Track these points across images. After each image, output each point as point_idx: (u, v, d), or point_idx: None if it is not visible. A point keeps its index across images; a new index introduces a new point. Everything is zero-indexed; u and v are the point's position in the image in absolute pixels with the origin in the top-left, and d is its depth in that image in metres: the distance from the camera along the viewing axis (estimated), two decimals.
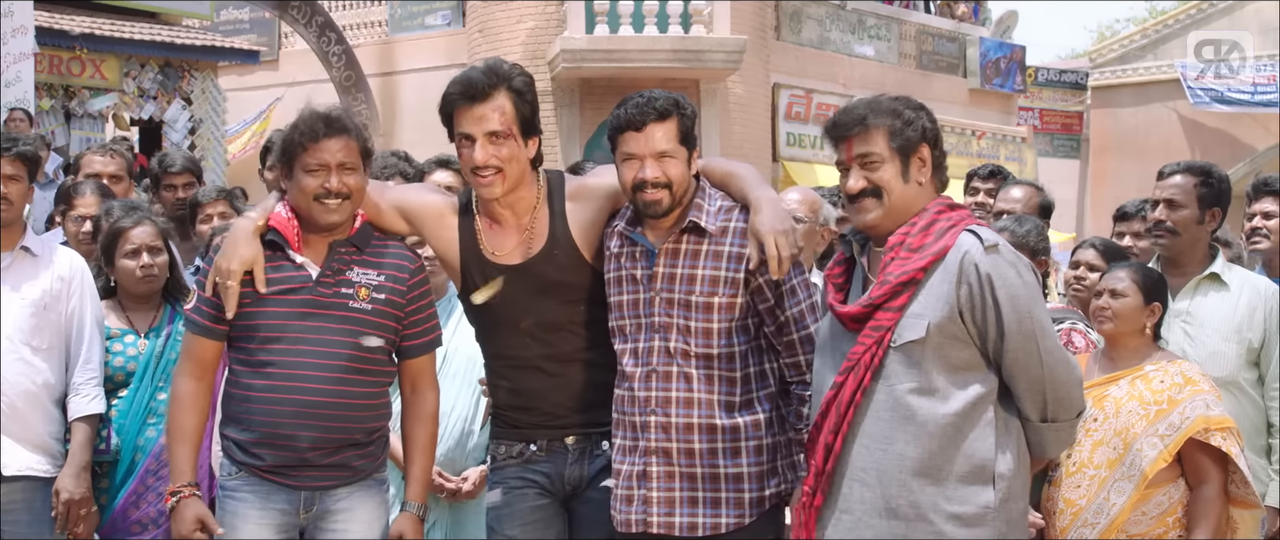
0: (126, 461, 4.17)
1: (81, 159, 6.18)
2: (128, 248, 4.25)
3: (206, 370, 3.48)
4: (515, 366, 3.45)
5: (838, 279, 3.15)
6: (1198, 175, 4.38)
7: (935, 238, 2.97)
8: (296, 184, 3.43)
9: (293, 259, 3.44)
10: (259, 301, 3.40)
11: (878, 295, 2.96)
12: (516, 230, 3.44)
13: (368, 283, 3.46)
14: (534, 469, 3.45)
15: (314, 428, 3.36)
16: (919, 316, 2.92)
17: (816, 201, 4.54)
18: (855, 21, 19.39)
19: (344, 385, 3.39)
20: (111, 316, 4.28)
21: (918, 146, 3.03)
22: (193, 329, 3.48)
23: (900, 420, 2.93)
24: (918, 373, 2.93)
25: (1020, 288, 2.93)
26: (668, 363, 3.29)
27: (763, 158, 16.88)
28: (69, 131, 14.12)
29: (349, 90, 17.23)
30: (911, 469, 2.92)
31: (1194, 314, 4.31)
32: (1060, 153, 23.75)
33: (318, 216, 3.43)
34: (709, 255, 3.29)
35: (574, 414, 3.43)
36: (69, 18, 14.02)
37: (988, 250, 2.93)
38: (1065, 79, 24.34)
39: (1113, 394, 3.82)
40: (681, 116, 3.30)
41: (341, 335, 3.40)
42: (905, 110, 3.04)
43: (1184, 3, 23.87)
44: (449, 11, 17.92)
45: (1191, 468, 3.73)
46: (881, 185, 3.01)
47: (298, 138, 3.42)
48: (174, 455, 3.45)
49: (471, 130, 3.33)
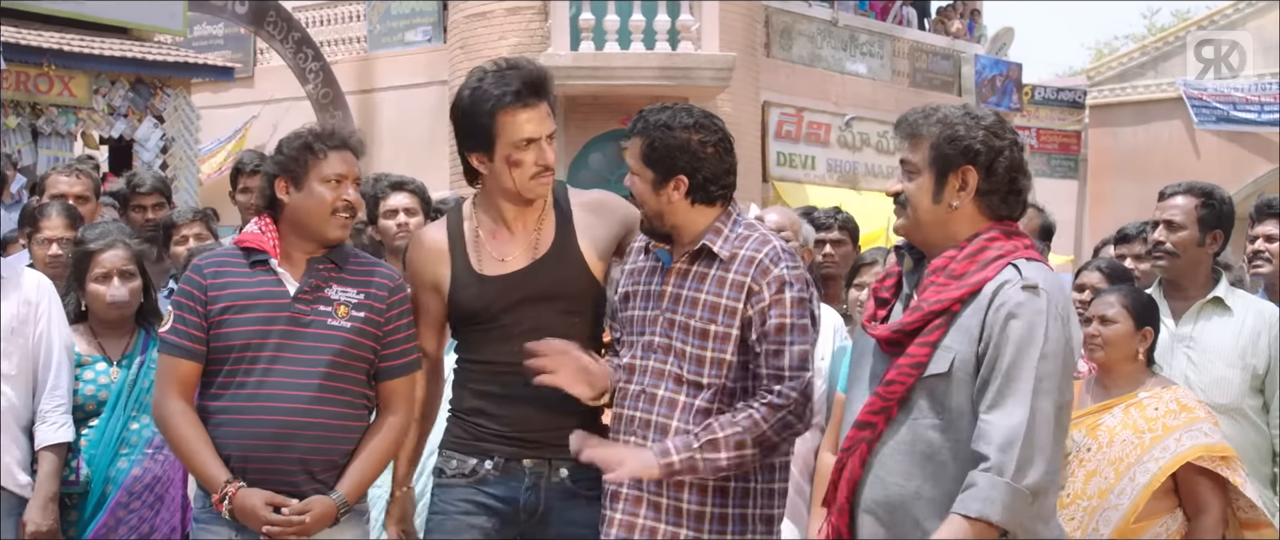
0: (97, 493, 4.15)
1: (47, 179, 6.16)
2: (98, 271, 4.23)
3: (190, 390, 3.44)
4: (493, 372, 3.40)
5: (883, 293, 3.05)
6: (1199, 196, 4.41)
7: (979, 267, 2.83)
8: (309, 194, 3.41)
9: (273, 268, 3.42)
10: (234, 317, 3.38)
11: (909, 322, 2.86)
12: (524, 234, 3.45)
13: (347, 300, 3.44)
14: (485, 492, 3.37)
15: (291, 450, 3.33)
16: (947, 349, 2.80)
17: (795, 221, 4.57)
18: (847, 38, 19.46)
19: (322, 405, 3.35)
20: (81, 342, 4.26)
21: (959, 167, 2.86)
22: (172, 351, 3.43)
23: (920, 457, 2.83)
24: (940, 409, 2.81)
25: (1039, 336, 2.73)
26: (657, 384, 3.27)
27: (753, 177, 16.90)
28: (36, 150, 14.08)
29: (326, 108, 17.22)
30: (927, 511, 2.80)
31: (1197, 339, 4.33)
32: (1058, 173, 23.82)
33: (329, 230, 3.43)
34: (714, 281, 3.24)
35: (539, 431, 3.36)
36: (36, 33, 13.98)
37: (1025, 287, 2.75)
38: (1063, 97, 24.43)
39: (1106, 423, 3.83)
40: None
41: (319, 353, 3.37)
42: (959, 125, 2.88)
43: (1184, 20, 24.01)
44: (430, 27, 17.94)
45: (1189, 496, 3.74)
46: (908, 196, 2.92)
47: (318, 146, 3.42)
48: (197, 466, 3.36)
49: (535, 132, 3.35)
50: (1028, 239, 2.96)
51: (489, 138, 3.35)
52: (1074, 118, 24.24)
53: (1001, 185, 2.89)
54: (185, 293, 3.47)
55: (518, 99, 3.33)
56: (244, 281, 3.42)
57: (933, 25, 21.86)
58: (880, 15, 20.37)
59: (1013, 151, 2.90)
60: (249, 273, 3.43)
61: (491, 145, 3.36)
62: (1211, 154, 21.72)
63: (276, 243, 3.46)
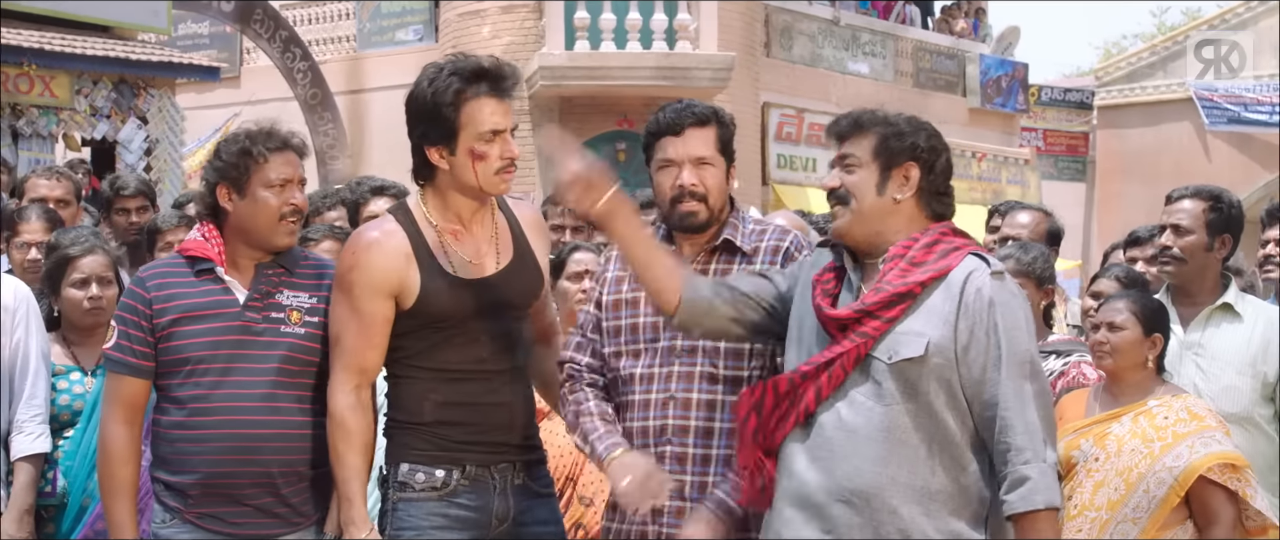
0: (75, 506, 4.12)
1: (26, 182, 6.15)
2: (76, 276, 4.21)
3: (137, 414, 3.42)
4: (457, 379, 3.31)
5: (827, 284, 3.13)
6: (1207, 200, 4.40)
7: (939, 256, 2.97)
8: (253, 202, 3.38)
9: (219, 276, 3.39)
10: (183, 329, 3.35)
11: (872, 302, 2.95)
12: (483, 234, 3.38)
13: (299, 306, 3.42)
14: (457, 503, 3.30)
15: (253, 463, 3.31)
16: (918, 334, 2.91)
17: (801, 227, 4.56)
18: (849, 38, 19.47)
19: (279, 415, 3.33)
20: (56, 350, 4.23)
21: (903, 162, 3.03)
22: (120, 369, 3.40)
23: (895, 443, 2.90)
24: (912, 393, 2.91)
25: (1022, 320, 2.94)
26: (688, 388, 3.30)
27: (752, 180, 16.90)
28: (16, 152, 14.06)
29: (314, 109, 17.21)
30: (902, 496, 2.89)
31: (1206, 346, 4.32)
32: (1065, 175, 23.85)
33: (277, 239, 3.41)
34: (740, 273, 3.33)
35: (505, 435, 3.35)
36: (17, 32, 13.96)
37: (994, 275, 2.94)
38: (1070, 98, 24.46)
39: (1114, 431, 3.82)
40: (721, 125, 3.40)
41: (273, 362, 3.35)
42: (902, 124, 3.07)
43: (1194, 19, 24.03)
44: (421, 26, 17.94)
45: (1200, 508, 3.74)
46: (850, 189, 3.04)
47: (257, 150, 3.37)
48: (114, 512, 3.37)
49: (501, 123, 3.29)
50: (973, 238, 3.14)
51: (452, 129, 3.24)
52: (1082, 119, 24.27)
53: (940, 184, 3.08)
54: (128, 307, 3.42)
55: (484, 89, 3.26)
56: (190, 292, 3.39)
57: (936, 24, 21.87)
58: (883, 14, 20.39)
59: (948, 155, 3.13)
60: (195, 282, 3.40)
61: (454, 137, 3.25)
62: (1223, 156, 21.74)
63: (221, 250, 3.42)
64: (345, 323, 3.29)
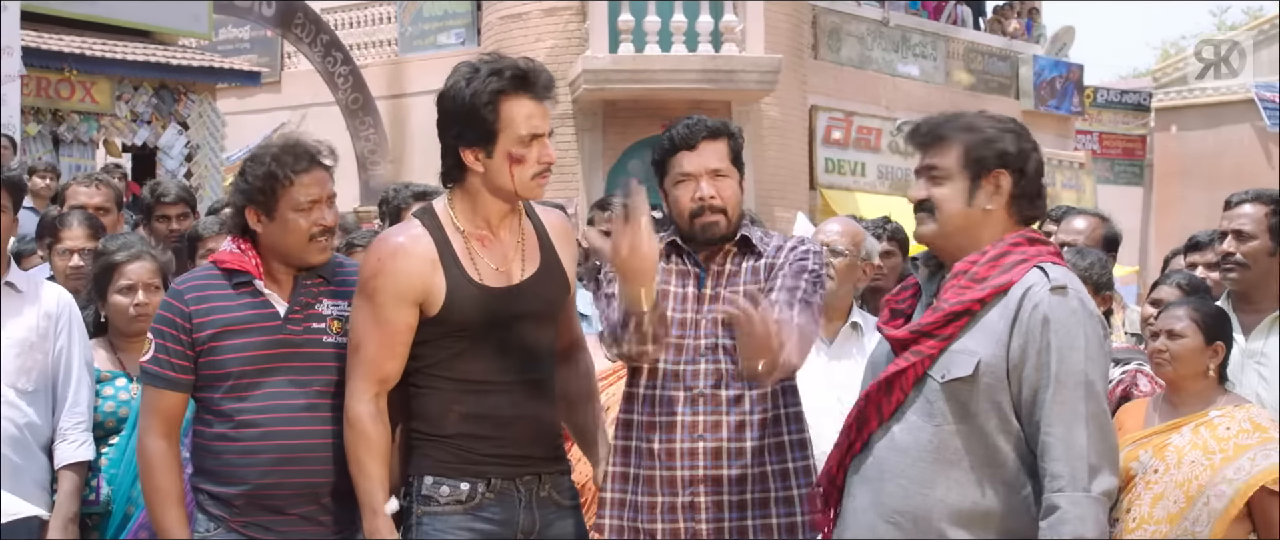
0: (119, 514, 4.16)
1: (67, 189, 6.22)
2: (122, 283, 4.26)
3: (175, 426, 3.45)
4: (480, 391, 3.29)
5: (899, 304, 3.13)
6: (1269, 204, 4.36)
7: (1002, 271, 2.93)
8: (283, 223, 3.39)
9: (258, 289, 3.41)
10: (224, 343, 3.37)
11: (927, 322, 2.94)
12: (511, 241, 3.36)
13: (340, 315, 3.44)
14: (482, 517, 3.26)
15: (296, 474, 3.35)
16: (970, 353, 2.89)
17: (858, 233, 4.55)
18: (898, 39, 19.41)
19: (323, 425, 3.36)
20: (100, 356, 4.29)
21: (993, 169, 2.98)
22: (157, 383, 3.43)
23: (945, 465, 2.89)
24: (964, 414, 2.89)
25: (1080, 339, 2.85)
26: (717, 387, 3.42)
27: (799, 184, 16.88)
28: (57, 157, 14.24)
29: (356, 113, 17.35)
30: (951, 519, 2.88)
31: (1269, 355, 4.28)
32: (1122, 179, 23.70)
33: (310, 258, 3.43)
34: (749, 271, 3.50)
35: (531, 447, 3.34)
36: (58, 37, 14.13)
37: (1053, 290, 2.87)
38: (1127, 100, 24.32)
39: (1174, 442, 3.79)
40: (732, 137, 3.53)
41: (316, 373, 3.38)
42: (989, 129, 3.01)
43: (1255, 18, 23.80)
44: (463, 30, 18.05)
45: (1263, 519, 3.71)
46: (938, 202, 3.00)
47: (283, 173, 3.36)
48: (164, 521, 3.40)
49: (541, 126, 3.28)
50: (1053, 246, 3.08)
51: (491, 130, 3.20)
52: (1139, 121, 24.11)
53: (1032, 187, 3.02)
54: (166, 320, 3.43)
55: (525, 89, 3.24)
56: (230, 306, 3.41)
57: (989, 25, 21.79)
58: (933, 15, 20.33)
59: (1037, 153, 3.05)
60: (233, 295, 3.42)
61: (493, 139, 3.21)
62: None
63: (258, 262, 3.45)
64: (367, 330, 3.25)
